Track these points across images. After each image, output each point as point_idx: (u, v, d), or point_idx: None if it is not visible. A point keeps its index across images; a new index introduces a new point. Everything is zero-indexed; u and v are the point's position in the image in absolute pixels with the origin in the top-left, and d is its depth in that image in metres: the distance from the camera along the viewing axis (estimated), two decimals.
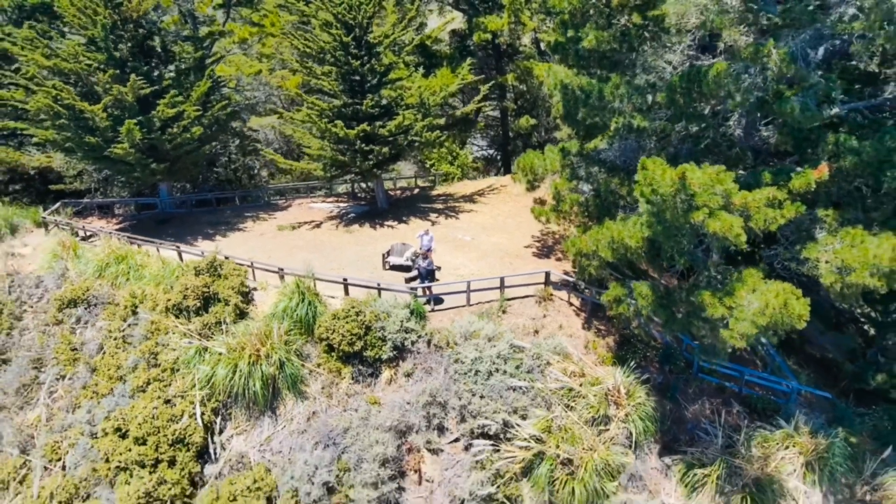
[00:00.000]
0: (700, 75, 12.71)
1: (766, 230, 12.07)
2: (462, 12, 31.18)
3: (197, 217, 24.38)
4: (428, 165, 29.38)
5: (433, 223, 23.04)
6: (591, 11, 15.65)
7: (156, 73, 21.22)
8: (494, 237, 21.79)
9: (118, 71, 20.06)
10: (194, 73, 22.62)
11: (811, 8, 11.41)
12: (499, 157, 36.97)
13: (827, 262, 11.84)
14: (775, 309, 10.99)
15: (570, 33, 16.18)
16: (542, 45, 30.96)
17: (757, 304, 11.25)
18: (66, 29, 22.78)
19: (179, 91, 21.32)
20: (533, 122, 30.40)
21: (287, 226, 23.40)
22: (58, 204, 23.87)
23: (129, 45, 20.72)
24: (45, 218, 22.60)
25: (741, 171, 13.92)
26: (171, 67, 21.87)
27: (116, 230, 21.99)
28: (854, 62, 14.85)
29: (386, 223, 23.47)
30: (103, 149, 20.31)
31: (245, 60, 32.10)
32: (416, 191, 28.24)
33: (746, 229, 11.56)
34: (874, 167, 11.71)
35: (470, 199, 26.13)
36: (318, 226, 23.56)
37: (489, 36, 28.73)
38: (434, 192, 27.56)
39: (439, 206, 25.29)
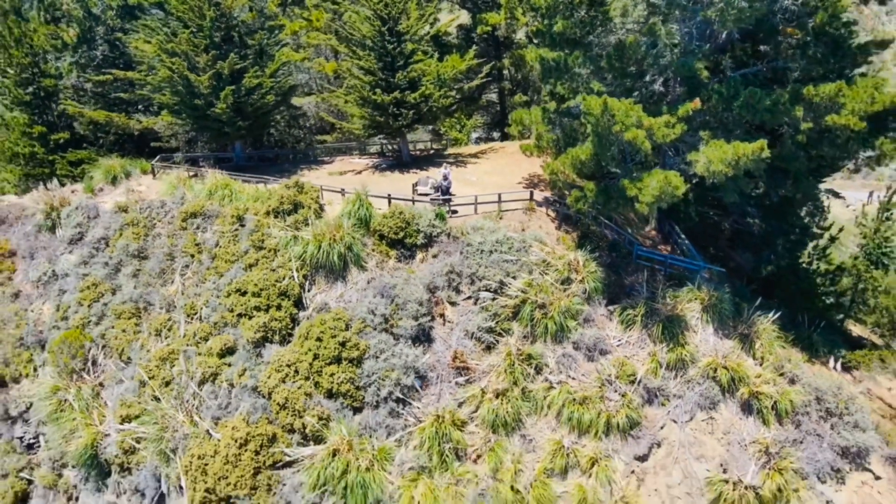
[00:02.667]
0: (624, 46, 19.91)
1: (665, 143, 19.26)
2: (467, 10, 38.47)
3: (264, 168, 31.52)
4: (441, 132, 36.56)
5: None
6: (560, 6, 22.80)
7: (239, 54, 28.35)
8: (494, 178, 28.95)
9: (216, 52, 27.30)
10: (265, 55, 29.85)
11: (685, 3, 18.61)
12: (496, 135, 44.22)
13: (700, 161, 18.98)
14: (664, 184, 18.15)
15: (546, 22, 23.36)
16: (531, 36, 38.15)
17: (654, 184, 18.41)
18: (168, 20, 29.89)
19: (258, 68, 28.57)
20: (525, 98, 37.63)
21: (336, 172, 30.60)
22: (157, 157, 31.08)
23: (222, 33, 27.96)
24: (154, 165, 29.83)
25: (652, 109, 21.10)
26: (250, 51, 28.99)
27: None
28: (746, 43, 22.22)
29: (410, 171, 30.63)
30: (205, 109, 27.56)
31: (289, 52, 39.36)
32: (432, 151, 35.45)
33: (652, 142, 18.78)
34: (728, 101, 18.88)
35: (475, 155, 33.32)
36: (358, 173, 30.75)
37: (489, 28, 36.02)
38: (446, 152, 34.75)
39: (451, 160, 32.45)
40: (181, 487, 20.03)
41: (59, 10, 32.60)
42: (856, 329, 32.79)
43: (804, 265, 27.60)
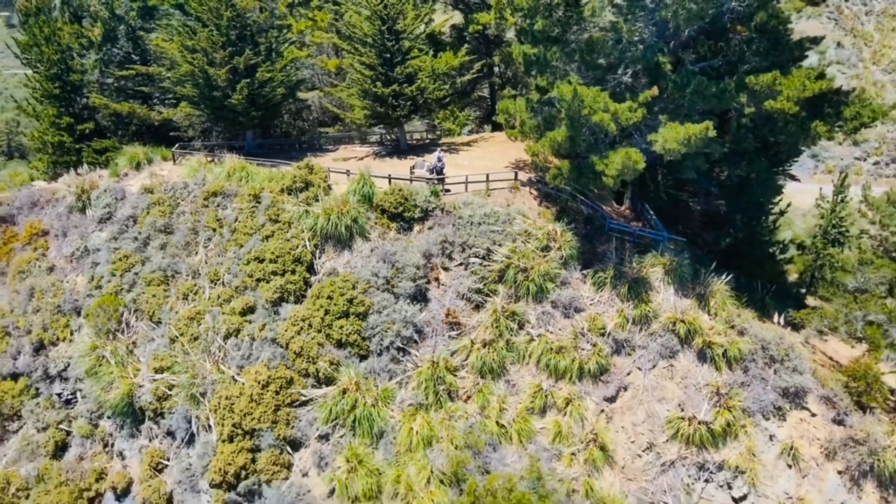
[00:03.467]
0: (593, 42, 22.99)
1: (628, 125, 22.30)
2: (460, 10, 41.50)
3: (273, 155, 34.33)
4: (436, 124, 39.58)
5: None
6: (540, 7, 25.83)
7: (253, 51, 31.29)
8: (483, 162, 31.95)
9: (233, 48, 30.27)
10: (275, 52, 32.81)
11: (644, 3, 21.69)
12: (487, 128, 47.25)
13: (658, 140, 22.04)
14: (626, 160, 21.21)
15: (528, 21, 26.41)
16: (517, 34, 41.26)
17: (618, 160, 21.47)
18: (183, 19, 32.79)
19: (269, 63, 31.54)
20: (514, 93, 40.61)
21: (339, 158, 33.56)
22: (175, 146, 33.99)
23: (237, 31, 30.92)
24: (174, 152, 32.76)
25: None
26: (261, 48, 31.93)
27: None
28: (708, 40, 25.31)
29: (408, 157, 33.59)
30: (222, 100, 30.52)
31: (295, 49, 42.35)
32: (427, 140, 38.47)
33: (617, 125, 21.84)
34: (682, 89, 21.96)
35: (466, 144, 36.33)
36: (360, 159, 33.71)
37: (480, 28, 39.03)
38: (441, 141, 37.76)
39: (445, 147, 35.42)
40: (209, 426, 23.00)
41: (87, 10, 35.40)
42: (815, 303, 36.00)
43: (762, 238, 30.70)
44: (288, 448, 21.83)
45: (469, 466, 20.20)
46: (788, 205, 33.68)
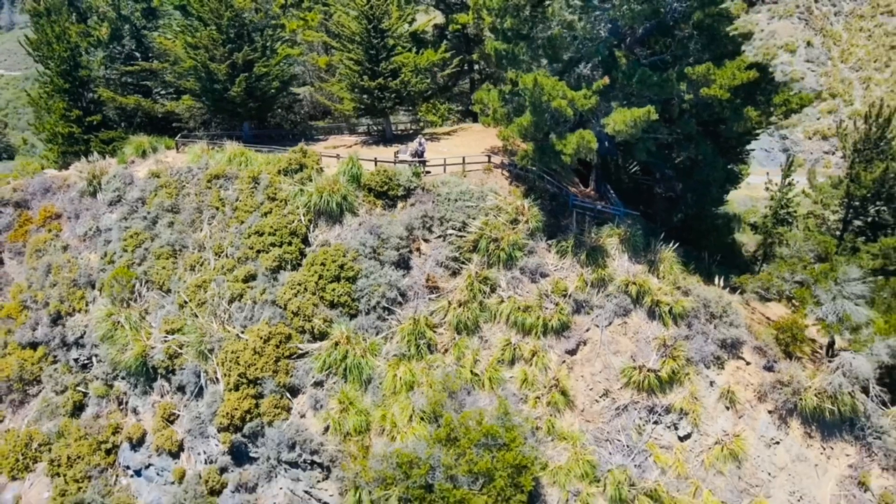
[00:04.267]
0: (553, 39, 26.17)
1: (583, 110, 25.47)
2: (441, 11, 44.61)
3: (269, 144, 37.33)
4: (419, 116, 42.59)
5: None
6: (509, 7, 28.93)
7: (250, 47, 34.22)
8: (461, 149, 34.96)
9: (232, 45, 33.20)
10: (269, 49, 35.74)
11: (595, 4, 24.91)
12: (467, 121, 50.41)
13: (610, 123, 25.21)
14: (580, 140, 24.38)
15: (499, 20, 29.52)
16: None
17: (574, 140, 24.64)
18: (185, 19, 35.61)
19: (265, 59, 34.48)
20: (490, 86, 43.72)
21: (330, 146, 36.49)
22: (178, 136, 36.83)
23: (235, 30, 33.84)
24: (177, 141, 35.61)
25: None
26: (258, 45, 34.84)
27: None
28: (665, 36, 28.52)
29: (393, 145, 36.59)
30: (222, 93, 33.42)
31: (287, 48, 45.26)
32: (411, 131, 41.50)
33: (574, 110, 25.01)
34: (629, 79, 25.19)
35: (447, 133, 39.45)
36: (349, 147, 36.63)
37: (460, 27, 42.18)
38: (423, 131, 40.82)
39: (426, 136, 38.55)
40: (217, 379, 25.92)
41: (94, 11, 38.12)
42: None
43: (709, 215, 34.03)
44: (287, 394, 24.82)
45: (446, 405, 23.26)
46: (737, 186, 37.08)
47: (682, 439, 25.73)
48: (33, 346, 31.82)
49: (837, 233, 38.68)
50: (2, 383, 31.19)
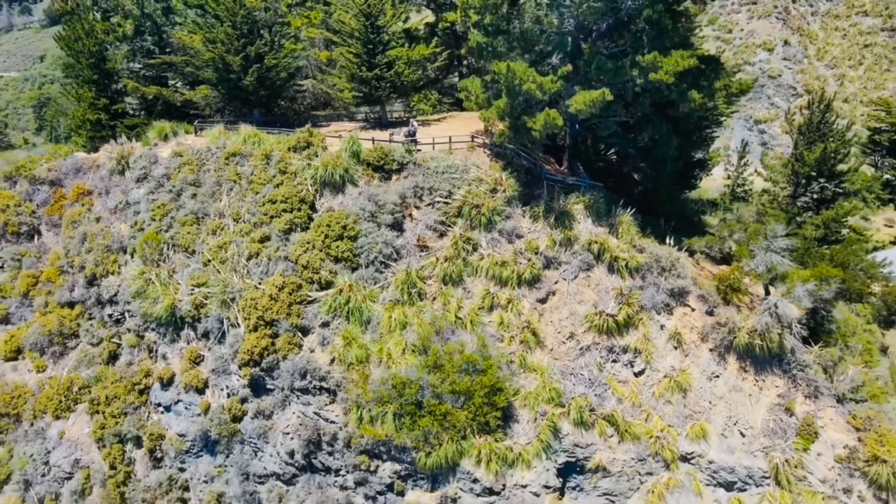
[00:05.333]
0: (525, 32, 30.56)
1: (551, 93, 29.85)
2: (431, 10, 49.04)
3: (277, 129, 41.71)
4: (412, 105, 47.00)
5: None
6: (489, 5, 33.28)
7: (261, 41, 38.55)
8: (449, 132, 39.24)
9: (245, 40, 37.54)
10: (277, 44, 40.08)
11: (559, 2, 29.34)
12: (456, 111, 54.87)
13: (573, 104, 29.59)
14: (548, 118, 28.75)
15: (480, 16, 33.89)
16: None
17: (542, 118, 29.02)
18: (201, 17, 39.90)
19: (274, 52, 38.82)
20: (476, 77, 48.12)
21: (332, 131, 40.77)
22: (196, 121, 41.10)
23: (248, 26, 38.18)
24: (196, 126, 39.90)
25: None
26: (267, 40, 39.17)
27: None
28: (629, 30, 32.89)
29: (388, 130, 40.92)
30: (236, 82, 37.76)
31: (291, 44, 49.57)
32: (405, 118, 45.86)
33: (543, 93, 29.39)
34: (588, 66, 29.59)
35: (437, 120, 43.83)
36: (349, 131, 40.99)
37: (448, 24, 46.60)
38: (416, 118, 45.18)
39: (419, 120, 42.92)
40: (238, 324, 30.20)
41: (119, 9, 42.35)
42: None
43: (665, 187, 38.40)
44: (299, 333, 29.12)
45: (433, 340, 27.60)
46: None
47: (636, 374, 30.10)
48: (71, 305, 36.03)
49: (787, 207, 43.38)
50: (44, 337, 35.34)
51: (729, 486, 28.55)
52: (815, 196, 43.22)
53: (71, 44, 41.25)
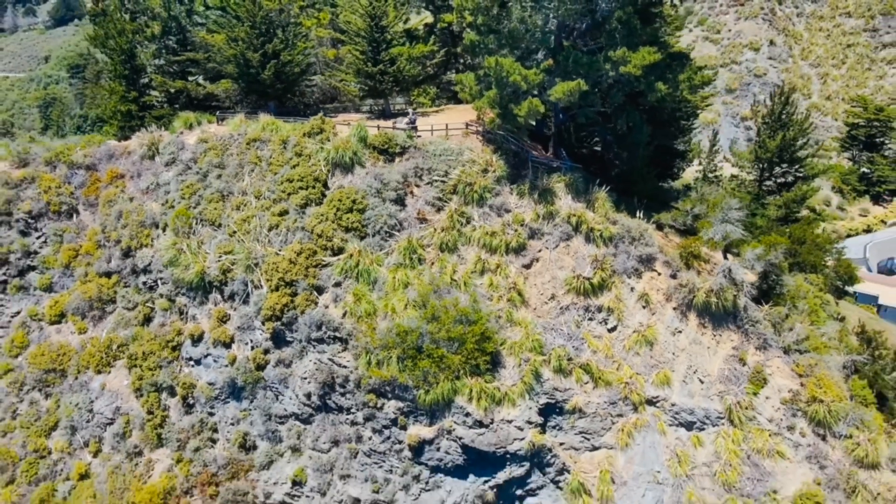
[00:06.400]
0: (511, 31, 34.94)
1: (534, 84, 34.19)
2: (430, 11, 53.45)
3: (293, 118, 46.05)
4: (412, 98, 51.35)
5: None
6: (481, 7, 37.63)
7: (278, 39, 42.93)
8: (445, 121, 43.72)
9: (263, 38, 41.92)
10: (292, 42, 44.47)
11: (540, 4, 33.72)
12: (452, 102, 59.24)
13: (553, 94, 33.91)
14: (531, 105, 33.10)
15: (473, 17, 38.24)
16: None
17: (526, 106, 33.37)
18: (228, 18, 44.28)
19: (288, 49, 43.20)
20: (469, 72, 52.50)
21: (340, 121, 45.24)
22: (217, 112, 45.46)
23: (265, 26, 42.56)
24: (218, 116, 44.27)
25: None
26: (282, 38, 43.55)
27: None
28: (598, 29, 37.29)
29: (391, 120, 45.35)
30: (255, 76, 42.14)
31: (302, 42, 53.93)
32: (407, 110, 50.22)
33: (528, 84, 33.75)
34: (566, 61, 33.95)
35: (435, 112, 48.22)
36: (356, 121, 45.40)
37: (446, 24, 50.99)
38: (416, 110, 49.56)
39: (419, 114, 47.30)
40: (261, 285, 34.54)
41: (151, 11, 46.75)
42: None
43: (638, 170, 42.72)
44: (315, 292, 33.48)
45: (431, 296, 31.94)
46: (657, 147, 45.82)
47: (609, 330, 34.43)
48: (108, 274, 40.37)
49: (754, 190, 47.87)
50: (85, 303, 39.66)
51: (689, 426, 32.86)
52: (778, 180, 47.72)
53: (104, 42, 45.60)
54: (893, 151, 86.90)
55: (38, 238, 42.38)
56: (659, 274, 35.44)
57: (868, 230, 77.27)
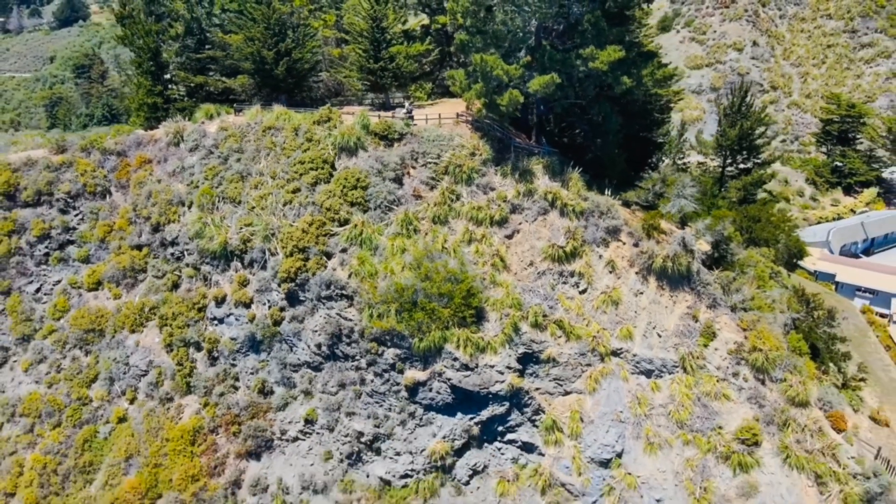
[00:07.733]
0: (496, 31, 40.09)
1: (515, 78, 39.30)
2: (426, 13, 58.67)
3: (303, 109, 51.17)
4: (410, 93, 56.43)
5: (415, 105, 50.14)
6: (470, 10, 42.79)
7: (290, 38, 48.11)
8: (439, 112, 48.95)
9: (277, 37, 47.09)
10: (302, 41, 49.63)
11: (519, 5, 38.89)
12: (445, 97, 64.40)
13: (531, 86, 39.02)
14: (512, 96, 38.24)
15: (463, 20, 43.39)
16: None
17: (507, 97, 38.50)
18: (244, 19, 49.49)
19: (299, 48, 48.36)
20: (460, 68, 57.68)
21: (345, 112, 50.42)
22: (234, 104, 50.62)
23: (279, 27, 47.73)
24: (235, 107, 49.44)
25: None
26: (293, 38, 48.71)
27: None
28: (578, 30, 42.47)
29: (390, 111, 50.49)
30: (269, 72, 47.31)
31: (311, 42, 59.11)
32: (405, 104, 55.40)
33: (509, 78, 38.90)
34: (542, 57, 39.07)
35: (430, 105, 53.40)
36: (359, 112, 50.57)
37: (440, 26, 56.19)
38: (414, 104, 54.74)
39: (415, 106, 52.48)
40: (277, 253, 39.67)
41: (175, 13, 51.89)
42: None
43: (609, 155, 47.81)
44: (324, 257, 38.64)
45: (425, 260, 37.09)
46: (625, 134, 50.95)
47: (580, 292, 39.55)
48: (139, 247, 45.52)
49: (717, 175, 53.02)
50: (119, 272, 44.83)
51: (648, 374, 37.99)
52: (739, 166, 52.90)
53: (132, 41, 50.76)
54: (865, 146, 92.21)
55: (76, 216, 47.55)
56: (624, 243, 40.58)
57: (837, 218, 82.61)
